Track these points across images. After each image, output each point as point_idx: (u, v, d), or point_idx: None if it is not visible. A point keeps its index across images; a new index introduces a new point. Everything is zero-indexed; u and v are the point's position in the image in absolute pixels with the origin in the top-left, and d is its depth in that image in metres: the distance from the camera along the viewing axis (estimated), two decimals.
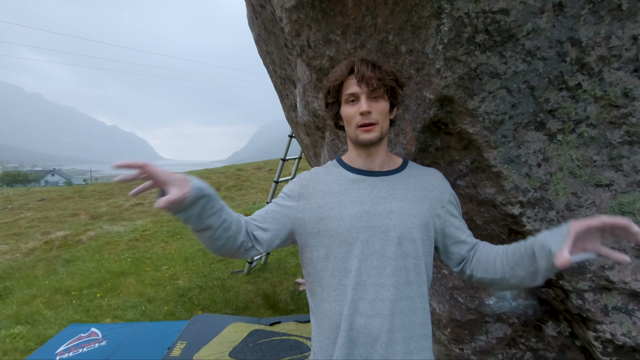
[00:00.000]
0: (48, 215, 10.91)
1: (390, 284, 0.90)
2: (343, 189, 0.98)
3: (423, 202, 0.97)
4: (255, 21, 2.04)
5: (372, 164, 1.00)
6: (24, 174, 68.49)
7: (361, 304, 0.90)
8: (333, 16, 1.29)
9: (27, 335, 3.42)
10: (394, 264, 0.91)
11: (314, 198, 0.98)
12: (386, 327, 0.89)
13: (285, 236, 0.99)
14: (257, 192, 12.11)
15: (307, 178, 1.03)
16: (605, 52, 0.97)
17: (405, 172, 1.02)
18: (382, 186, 0.97)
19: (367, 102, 0.92)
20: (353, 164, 1.02)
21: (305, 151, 2.52)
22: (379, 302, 0.89)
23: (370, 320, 0.89)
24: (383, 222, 0.92)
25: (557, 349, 1.34)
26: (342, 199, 0.96)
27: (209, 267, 5.10)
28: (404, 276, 0.91)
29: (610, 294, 1.11)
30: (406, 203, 0.95)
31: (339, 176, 1.01)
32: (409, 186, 0.98)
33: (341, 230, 0.92)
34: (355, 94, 0.94)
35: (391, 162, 1.03)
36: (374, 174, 1.00)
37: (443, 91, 1.06)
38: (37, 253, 6.34)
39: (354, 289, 0.90)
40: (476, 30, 0.97)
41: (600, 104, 1.02)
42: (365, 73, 0.91)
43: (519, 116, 1.06)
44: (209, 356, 2.33)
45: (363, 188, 0.97)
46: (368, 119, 0.93)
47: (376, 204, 0.94)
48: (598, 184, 1.07)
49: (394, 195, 0.96)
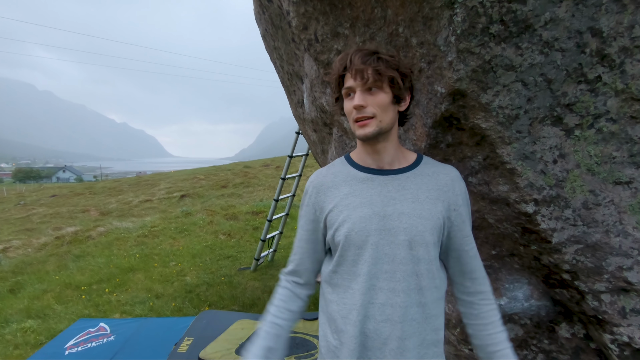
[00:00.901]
0: (59, 211, 11.09)
1: (400, 290, 0.87)
2: (352, 189, 0.94)
3: (436, 203, 0.91)
4: (262, 16, 2.02)
5: (381, 161, 0.95)
6: (37, 171, 69.81)
7: (371, 308, 0.88)
8: (341, 8, 1.26)
9: (38, 329, 3.47)
10: (404, 269, 0.87)
11: (326, 204, 0.96)
12: (396, 334, 0.86)
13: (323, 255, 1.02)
14: (265, 189, 12.15)
15: (316, 186, 0.99)
16: (627, 43, 0.93)
17: (417, 170, 0.95)
18: (392, 186, 0.92)
19: (361, 96, 0.86)
20: (362, 162, 0.97)
21: (313, 148, 2.49)
22: (389, 308, 0.87)
23: (380, 325, 0.87)
24: (393, 225, 0.88)
25: (570, 351, 1.30)
26: (352, 201, 0.92)
27: (216, 264, 5.12)
28: (415, 282, 0.88)
29: (628, 295, 1.07)
30: (417, 204, 0.90)
31: (347, 176, 0.97)
32: (422, 186, 0.92)
33: (351, 234, 0.89)
34: (351, 87, 0.88)
35: (403, 158, 0.97)
36: (384, 172, 0.94)
37: (455, 85, 1.02)
38: (48, 248, 6.44)
39: (364, 294, 0.88)
40: (491, 21, 0.93)
41: (621, 98, 0.98)
42: (358, 65, 0.84)
43: (535, 111, 1.02)
44: (215, 353, 2.33)
45: (372, 188, 0.92)
46: (362, 113, 0.87)
47: (386, 205, 0.90)
48: (617, 182, 1.03)
49: (405, 195, 0.91)
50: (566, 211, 1.07)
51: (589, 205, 1.05)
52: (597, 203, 1.05)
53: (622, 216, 1.04)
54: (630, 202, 1.03)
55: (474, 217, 1.28)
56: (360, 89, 0.87)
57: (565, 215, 1.07)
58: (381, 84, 0.86)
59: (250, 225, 6.98)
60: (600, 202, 1.05)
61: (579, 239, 1.08)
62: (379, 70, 0.85)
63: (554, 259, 1.13)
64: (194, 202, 11.27)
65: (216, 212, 7.90)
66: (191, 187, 13.79)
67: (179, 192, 12.85)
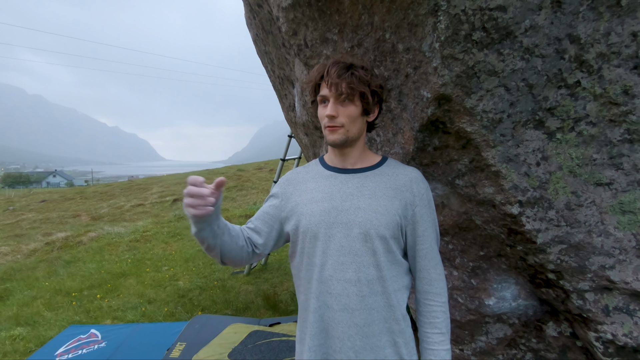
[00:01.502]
0: (49, 216, 10.93)
1: (356, 280, 0.91)
2: (317, 185, 1.01)
3: (393, 201, 0.96)
4: (253, 21, 2.04)
5: (346, 162, 1.02)
6: (26, 176, 68.69)
7: (328, 297, 0.93)
8: (330, 15, 1.28)
9: (27, 336, 3.41)
10: (360, 260, 0.92)
11: (293, 196, 1.03)
12: (354, 321, 0.91)
13: (277, 236, 1.04)
14: (258, 192, 12.11)
15: (289, 178, 1.08)
16: (604, 49, 0.96)
17: (378, 170, 1.01)
18: (352, 183, 0.99)
19: (333, 106, 0.93)
20: (330, 162, 1.05)
21: (305, 151, 2.51)
22: (345, 297, 0.91)
23: (338, 314, 0.92)
24: (349, 219, 0.93)
25: (558, 349, 1.32)
26: (315, 195, 0.99)
27: (209, 268, 5.09)
28: (375, 273, 0.92)
29: (611, 294, 1.10)
30: (374, 200, 0.95)
31: (316, 174, 1.05)
32: (380, 184, 0.98)
33: (311, 226, 0.95)
34: (325, 96, 0.95)
35: (366, 160, 1.03)
36: (346, 171, 1.01)
37: (440, 90, 1.05)
38: (38, 254, 6.34)
39: (321, 283, 0.93)
40: (473, 28, 0.96)
41: (600, 102, 1.01)
42: (333, 79, 0.91)
43: (518, 115, 1.04)
44: (208, 357, 2.32)
45: (334, 185, 0.99)
46: (333, 122, 0.94)
47: (344, 200, 0.96)
48: (598, 183, 1.06)
49: (363, 192, 0.96)
50: (550, 212, 1.10)
51: (571, 206, 1.08)
52: (579, 204, 1.08)
53: (604, 216, 1.07)
54: (611, 203, 1.06)
55: (462, 219, 1.31)
56: (334, 99, 0.93)
57: (549, 216, 1.10)
58: (353, 97, 0.93)
59: None
60: (582, 203, 1.07)
61: (562, 239, 1.10)
62: (352, 86, 0.91)
63: (539, 259, 1.15)
64: None
65: None
66: None
67: (171, 196, 12.75)
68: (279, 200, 1.04)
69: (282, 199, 1.04)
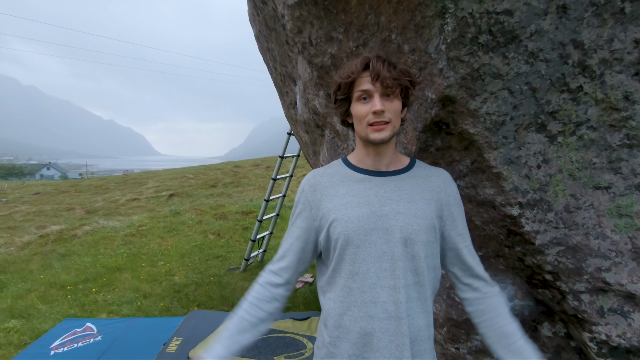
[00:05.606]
0: (43, 209, 10.84)
1: (401, 286, 0.89)
2: (349, 189, 0.96)
3: (429, 203, 0.95)
4: (257, 17, 2.03)
5: (380, 163, 0.98)
6: (19, 167, 67.92)
7: (372, 307, 0.89)
8: (336, 14, 1.29)
9: (22, 329, 3.40)
10: (403, 266, 0.89)
11: (323, 203, 0.97)
12: (401, 330, 0.88)
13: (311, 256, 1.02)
14: (255, 189, 12.10)
15: (313, 184, 1.01)
16: (607, 55, 0.98)
17: (412, 172, 0.99)
18: (389, 186, 0.96)
19: (380, 101, 0.89)
20: (360, 163, 1.00)
21: (304, 149, 2.51)
22: (392, 305, 0.88)
23: (384, 323, 0.88)
24: (390, 224, 0.91)
25: (552, 349, 1.34)
26: (350, 200, 0.94)
27: (205, 264, 5.09)
28: (414, 278, 0.91)
29: (606, 295, 1.12)
30: (412, 204, 0.93)
31: (344, 176, 0.99)
32: (416, 187, 0.96)
33: (349, 233, 0.91)
34: (369, 91, 0.90)
35: (398, 161, 1.01)
36: (381, 174, 0.98)
37: (445, 91, 1.06)
38: (32, 247, 6.29)
39: (364, 292, 0.90)
40: (480, 31, 0.97)
41: (601, 107, 1.03)
42: (381, 72, 0.87)
43: (520, 117, 1.06)
44: (204, 352, 2.33)
45: (370, 188, 0.95)
46: (380, 118, 0.90)
47: (383, 205, 0.93)
48: (597, 187, 1.08)
49: (401, 196, 0.94)
50: (549, 214, 1.12)
51: (570, 209, 1.10)
52: (577, 207, 1.10)
53: (601, 219, 1.09)
54: (609, 206, 1.08)
55: None
56: (380, 94, 0.90)
57: (548, 218, 1.12)
58: (397, 92, 0.91)
59: (239, 225, 6.95)
60: (581, 206, 1.09)
61: (560, 241, 1.12)
62: (399, 80, 0.89)
63: (537, 260, 1.17)
64: (182, 201, 11.15)
65: (205, 212, 7.83)
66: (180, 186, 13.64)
67: (167, 191, 12.70)
68: (307, 216, 0.99)
69: (311, 207, 0.98)
